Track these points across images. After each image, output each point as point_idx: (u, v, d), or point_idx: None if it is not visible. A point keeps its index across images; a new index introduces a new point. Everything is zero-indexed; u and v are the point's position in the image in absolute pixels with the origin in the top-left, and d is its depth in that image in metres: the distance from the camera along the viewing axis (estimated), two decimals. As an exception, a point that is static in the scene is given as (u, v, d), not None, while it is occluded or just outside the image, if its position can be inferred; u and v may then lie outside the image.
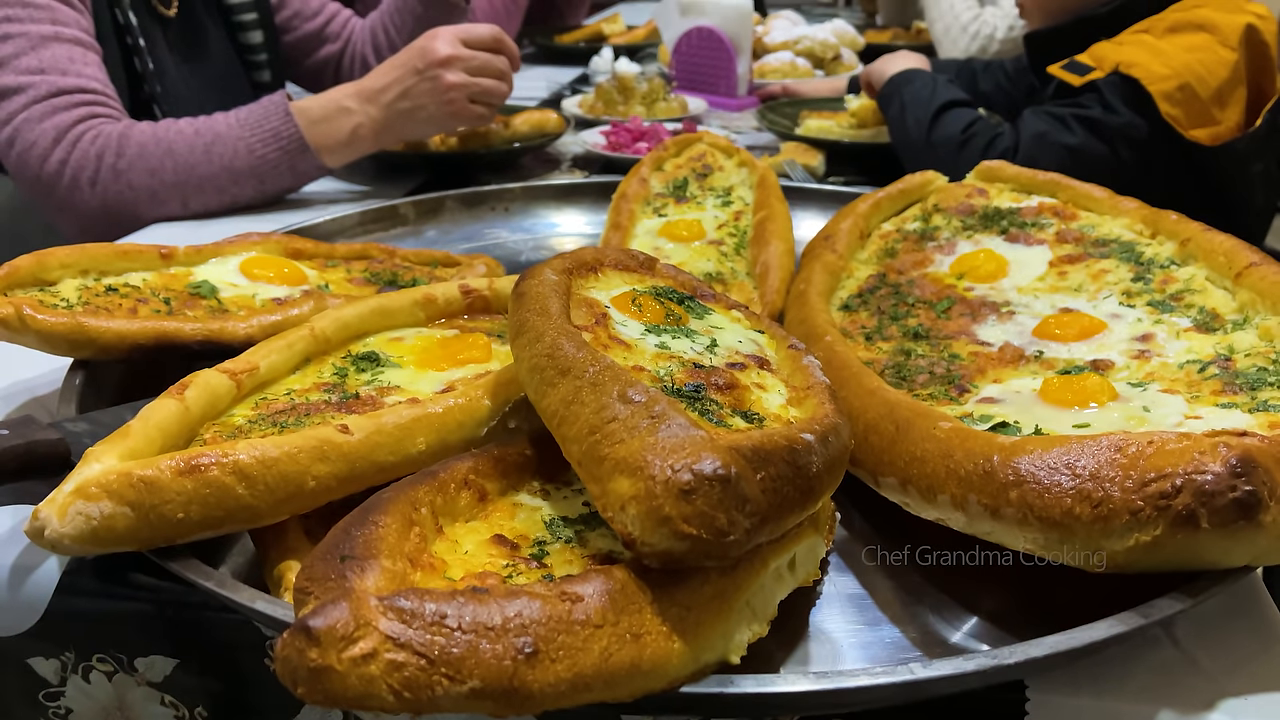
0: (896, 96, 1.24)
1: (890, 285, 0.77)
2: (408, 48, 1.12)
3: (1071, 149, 1.14)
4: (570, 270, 0.56)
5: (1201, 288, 0.66)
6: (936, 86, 1.23)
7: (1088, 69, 1.17)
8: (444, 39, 1.11)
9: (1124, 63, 1.14)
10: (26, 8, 1.06)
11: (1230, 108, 1.17)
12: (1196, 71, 1.14)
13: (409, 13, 1.46)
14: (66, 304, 0.65)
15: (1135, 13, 1.23)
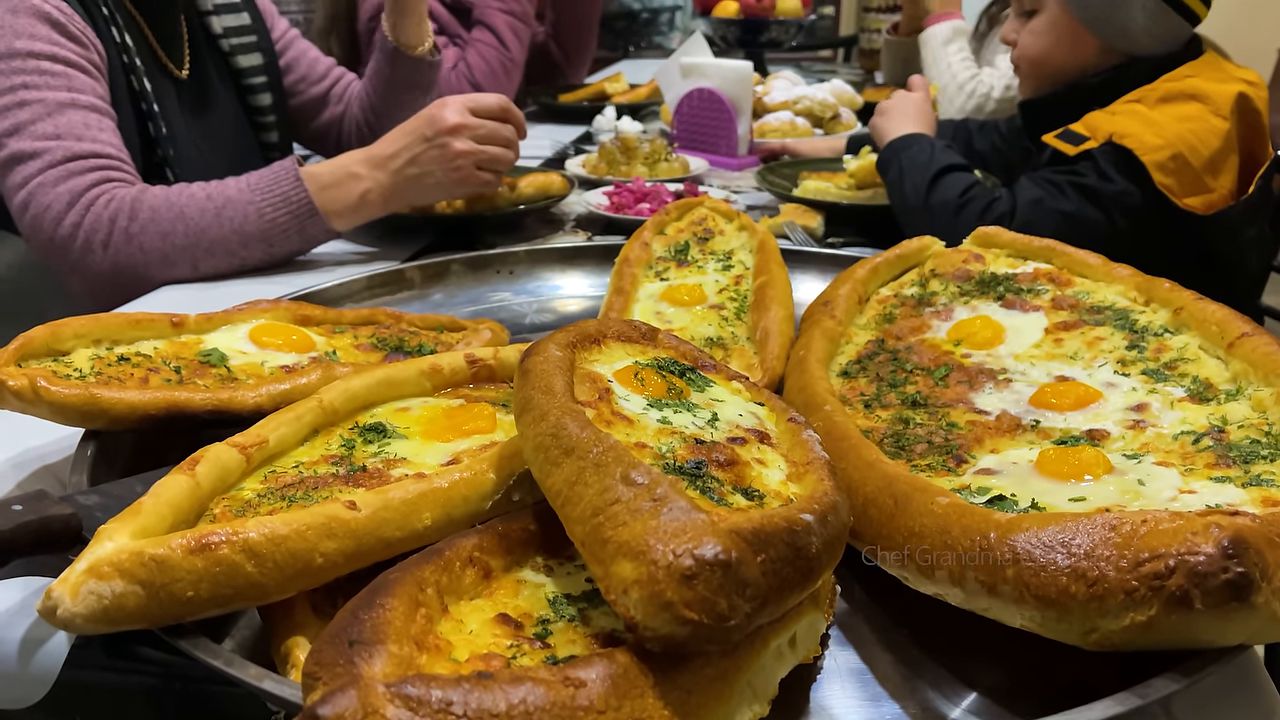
0: (895, 161, 1.26)
1: (889, 351, 0.79)
2: (417, 115, 1.15)
3: (1067, 215, 1.16)
4: (574, 344, 0.57)
5: (1195, 357, 0.68)
6: (935, 151, 1.24)
7: (1082, 138, 1.19)
8: (452, 107, 1.14)
9: (1117, 133, 1.16)
10: (43, 75, 1.09)
11: (1223, 175, 1.18)
12: (1189, 141, 1.16)
13: (380, 76, 1.50)
14: (80, 374, 0.66)
15: (1127, 82, 1.25)
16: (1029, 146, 1.43)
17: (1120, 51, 1.30)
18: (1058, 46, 1.32)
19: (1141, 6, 1.25)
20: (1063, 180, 1.18)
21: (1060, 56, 1.33)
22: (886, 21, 2.55)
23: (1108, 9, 1.27)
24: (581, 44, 2.45)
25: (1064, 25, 1.31)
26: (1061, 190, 1.17)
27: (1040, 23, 1.33)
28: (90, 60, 1.12)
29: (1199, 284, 0.78)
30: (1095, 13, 1.27)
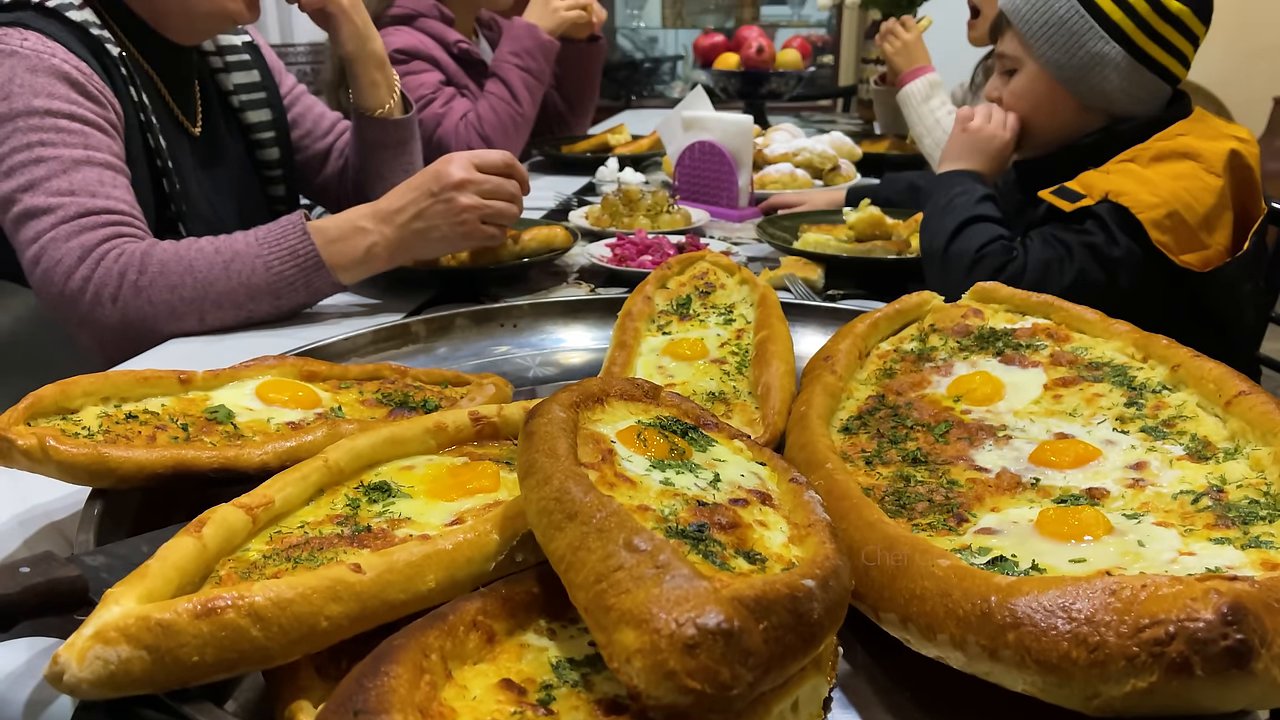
0: (943, 194, 1.27)
1: (889, 407, 0.79)
2: (423, 171, 1.17)
3: (1075, 276, 1.16)
4: (577, 404, 0.58)
5: (1193, 414, 0.68)
6: (972, 198, 1.25)
7: (1078, 195, 1.21)
8: (457, 163, 1.16)
9: (1113, 191, 1.18)
10: (60, 133, 1.11)
11: (1218, 232, 1.20)
12: (1183, 199, 1.17)
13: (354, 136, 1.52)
14: (88, 432, 0.67)
15: (1119, 142, 1.27)
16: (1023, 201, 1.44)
17: (1100, 110, 1.31)
18: (1039, 106, 1.34)
19: (1116, 67, 1.27)
20: (1072, 240, 1.19)
21: (1042, 116, 1.34)
22: (877, 72, 2.60)
23: (1083, 70, 1.28)
24: (585, 95, 2.49)
25: (1043, 85, 1.32)
26: (1070, 250, 1.18)
27: (1020, 83, 1.35)
28: (107, 119, 1.15)
29: (1197, 338, 0.79)
30: (1071, 73, 1.29)
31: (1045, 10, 1.29)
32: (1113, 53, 1.26)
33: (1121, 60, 1.26)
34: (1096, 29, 1.26)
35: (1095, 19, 1.26)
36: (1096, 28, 1.26)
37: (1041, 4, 1.29)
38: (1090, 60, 1.27)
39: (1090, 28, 1.26)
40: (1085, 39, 1.27)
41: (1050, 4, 1.28)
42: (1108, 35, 1.25)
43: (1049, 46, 1.29)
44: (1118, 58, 1.26)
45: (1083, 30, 1.27)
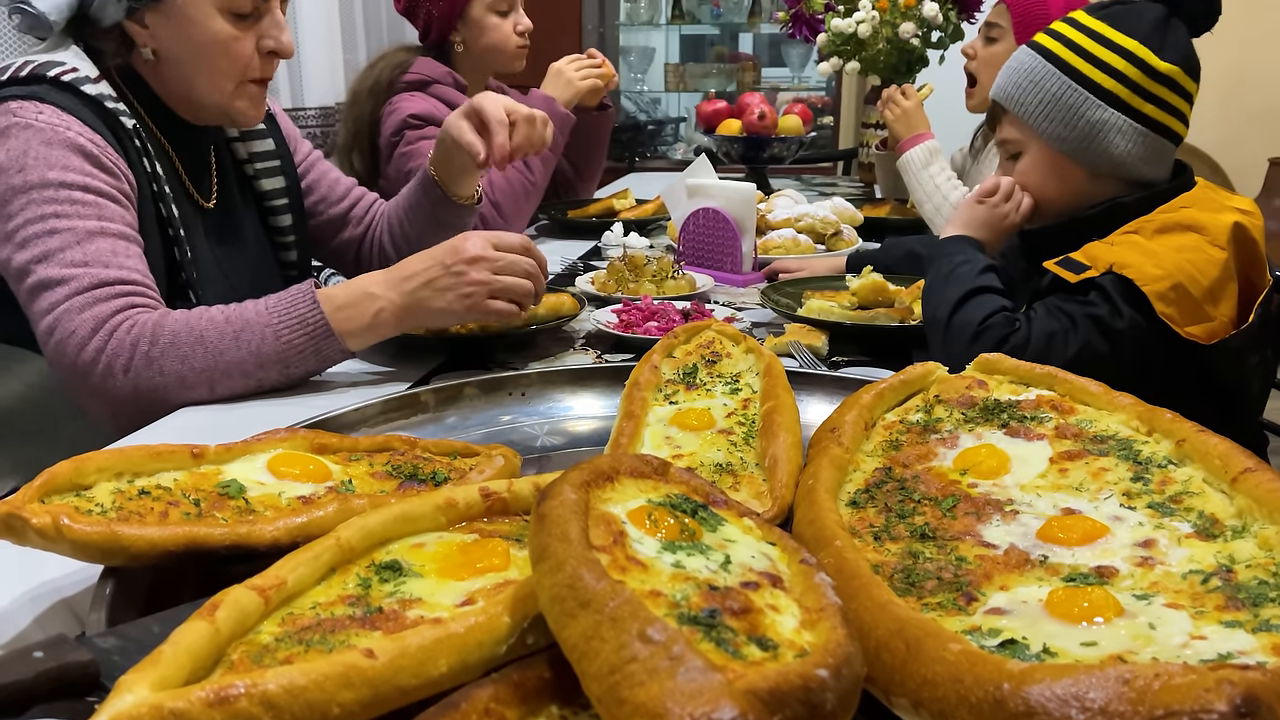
0: (937, 265, 1.28)
1: (896, 480, 0.79)
2: (442, 244, 1.20)
3: (1079, 349, 1.17)
4: (588, 483, 0.58)
5: (1199, 490, 0.68)
6: (976, 268, 1.26)
7: (1083, 267, 1.22)
8: (475, 239, 1.19)
9: (1118, 263, 1.19)
10: (75, 204, 1.13)
11: (1223, 304, 1.20)
12: (1188, 271, 1.18)
13: (420, 210, 1.55)
14: (101, 509, 0.67)
15: (1123, 215, 1.28)
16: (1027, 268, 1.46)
17: (1110, 177, 1.33)
18: (1047, 182, 1.36)
19: (1119, 131, 1.29)
20: (1076, 311, 1.20)
21: (1051, 191, 1.37)
22: (877, 136, 2.64)
23: (1086, 139, 1.31)
24: (592, 161, 2.53)
25: (1048, 161, 1.35)
26: (1074, 322, 1.19)
27: (1027, 163, 1.37)
28: (121, 189, 1.17)
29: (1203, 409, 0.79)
30: (1075, 144, 1.32)
31: (1038, 90, 1.32)
32: (1112, 118, 1.29)
33: (1123, 124, 1.29)
34: (1091, 99, 1.29)
35: (1088, 89, 1.29)
36: (1091, 97, 1.29)
37: (1032, 86, 1.32)
38: (1091, 128, 1.30)
39: (1085, 98, 1.29)
40: (1083, 109, 1.29)
41: (1042, 84, 1.31)
42: (1103, 102, 1.29)
43: (1049, 123, 1.32)
44: (1118, 122, 1.29)
45: (1078, 102, 1.30)
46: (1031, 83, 1.32)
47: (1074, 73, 1.29)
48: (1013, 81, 1.35)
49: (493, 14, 2.26)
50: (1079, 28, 1.31)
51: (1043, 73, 1.31)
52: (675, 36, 5.36)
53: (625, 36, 5.18)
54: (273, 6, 1.29)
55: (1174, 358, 1.21)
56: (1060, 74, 1.30)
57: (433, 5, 2.26)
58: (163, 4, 1.22)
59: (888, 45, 2.59)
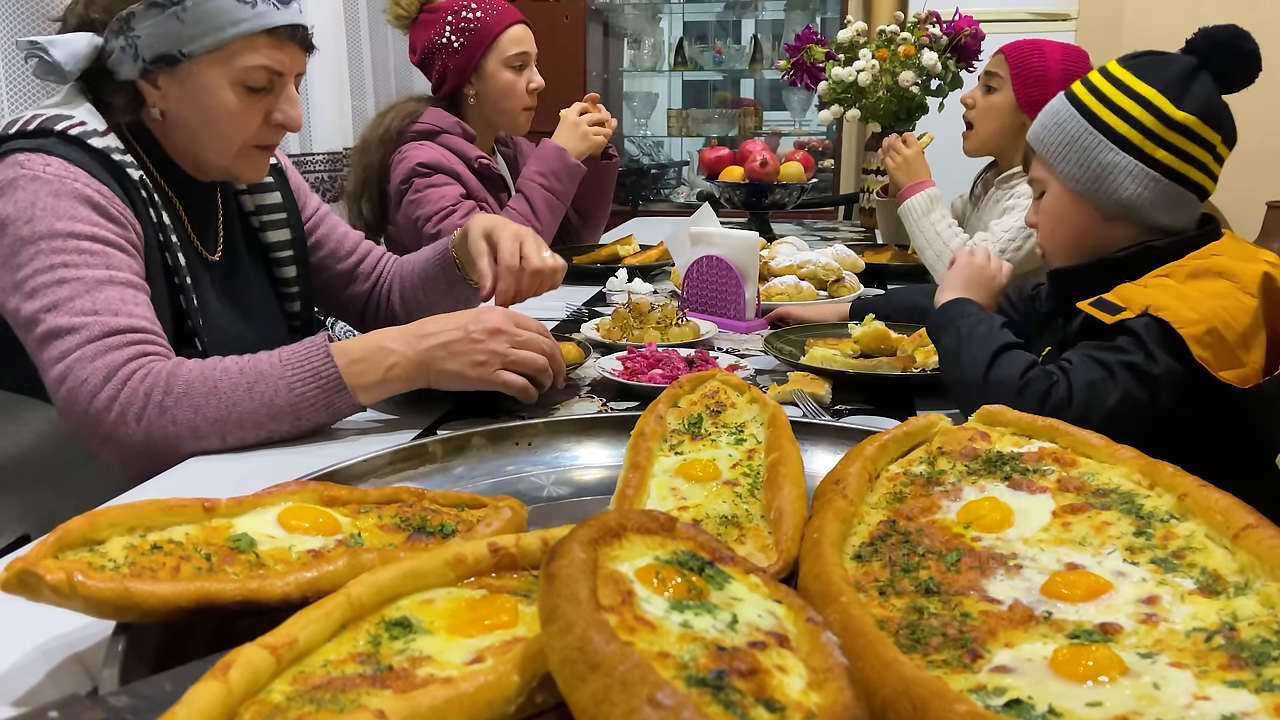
0: (952, 328, 1.29)
1: (900, 533, 0.80)
2: (465, 311, 1.24)
3: (1120, 398, 1.18)
4: (596, 540, 0.59)
5: (1202, 545, 0.69)
6: (994, 326, 1.28)
7: (1118, 308, 1.23)
8: (497, 313, 1.23)
9: (1153, 305, 1.20)
10: (83, 254, 1.15)
11: (1254, 350, 1.21)
12: (1221, 316, 1.20)
13: (435, 284, 1.58)
14: (114, 564, 0.68)
15: (1154, 258, 1.31)
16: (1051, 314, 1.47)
17: (1125, 221, 1.36)
18: (1064, 221, 1.41)
19: (1129, 174, 1.32)
20: (1112, 360, 1.20)
21: (1068, 231, 1.41)
22: (879, 183, 2.67)
23: (1097, 180, 1.35)
24: (598, 209, 2.57)
25: (1065, 200, 1.39)
26: (1112, 372, 1.19)
27: (1046, 201, 1.43)
28: (128, 238, 1.19)
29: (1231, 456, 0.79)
30: (1086, 184, 1.36)
31: (1059, 132, 1.38)
32: (1123, 161, 1.33)
33: (1133, 168, 1.32)
34: (1104, 141, 1.34)
35: (1102, 132, 1.34)
36: (1104, 140, 1.34)
37: (1056, 128, 1.39)
38: (1101, 170, 1.34)
39: (1098, 141, 1.34)
40: (1095, 151, 1.34)
41: (1063, 126, 1.38)
42: (1115, 146, 1.33)
43: (1066, 163, 1.37)
44: (1129, 166, 1.32)
45: (1092, 144, 1.34)
46: (1056, 125, 1.39)
47: (1092, 116, 1.35)
48: (1042, 124, 1.42)
49: (507, 70, 2.31)
50: (1107, 76, 1.37)
51: (1066, 116, 1.38)
52: (678, 82, 5.44)
53: (629, 82, 5.26)
54: (286, 82, 1.31)
55: (1206, 403, 1.21)
56: (1080, 117, 1.36)
57: (449, 58, 2.30)
58: (178, 69, 1.25)
59: (888, 93, 2.63)
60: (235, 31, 1.24)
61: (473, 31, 2.28)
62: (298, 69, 1.33)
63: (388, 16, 2.41)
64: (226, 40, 1.24)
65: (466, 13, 2.28)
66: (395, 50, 4.02)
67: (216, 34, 1.23)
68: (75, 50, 1.23)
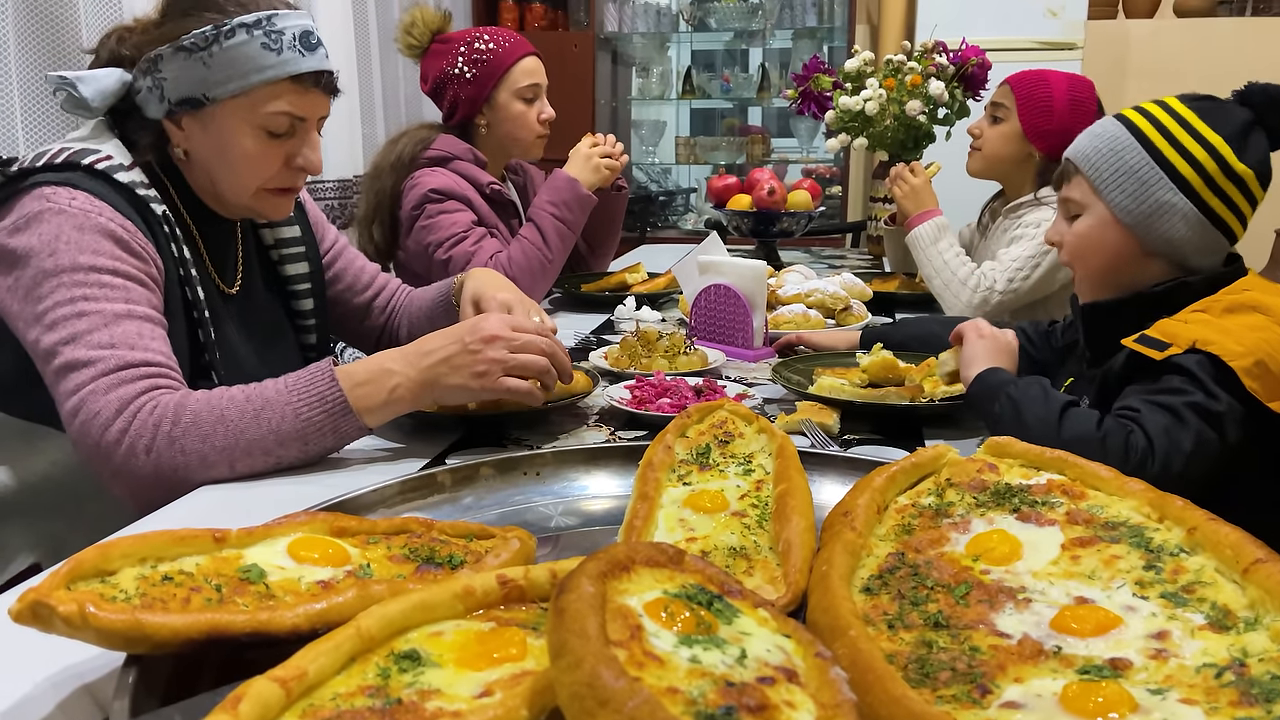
0: (1001, 395, 1.27)
1: (909, 565, 0.80)
2: (461, 323, 1.24)
3: (1195, 438, 1.17)
4: (605, 574, 0.59)
5: (1212, 580, 0.69)
6: (1043, 385, 1.26)
7: (1164, 344, 1.23)
8: (494, 320, 1.23)
9: (1200, 340, 1.20)
10: (103, 288, 1.16)
11: None
12: (1264, 349, 1.20)
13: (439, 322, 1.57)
14: (125, 595, 0.68)
15: (1188, 294, 1.31)
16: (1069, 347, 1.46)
17: (1162, 258, 1.36)
18: (1103, 249, 1.39)
19: (1183, 217, 1.32)
20: (1176, 403, 1.19)
21: (1105, 259, 1.39)
22: (886, 211, 2.68)
23: (1150, 216, 1.34)
24: (606, 239, 2.58)
25: (1110, 229, 1.37)
26: (1179, 415, 1.18)
27: (1085, 225, 1.40)
28: (148, 273, 1.21)
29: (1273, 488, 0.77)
30: (1138, 218, 1.35)
31: (1116, 159, 1.36)
32: (1179, 203, 1.32)
33: (1188, 211, 1.32)
34: (1165, 180, 1.33)
35: (1164, 170, 1.33)
36: (1165, 179, 1.33)
37: (1112, 154, 1.37)
38: (1157, 207, 1.33)
39: (1160, 178, 1.33)
40: (1154, 188, 1.33)
41: (1121, 154, 1.36)
42: (1175, 186, 1.32)
43: (1119, 193, 1.36)
44: (1184, 208, 1.32)
45: (1152, 180, 1.34)
46: (1112, 151, 1.36)
47: (1155, 151, 1.34)
48: (1093, 146, 1.39)
49: (518, 101, 2.33)
50: (1169, 112, 1.35)
51: (1125, 144, 1.36)
52: (686, 110, 5.48)
53: (637, 110, 5.29)
54: (309, 126, 1.33)
55: (1259, 435, 1.21)
56: (1141, 149, 1.34)
57: (460, 89, 2.33)
58: (201, 112, 1.27)
59: (895, 122, 2.65)
60: (260, 78, 1.25)
61: (485, 63, 2.30)
62: (321, 113, 1.34)
63: (399, 46, 2.43)
64: (251, 86, 1.26)
65: (479, 44, 2.31)
66: (406, 78, 4.06)
67: (241, 80, 1.25)
68: (103, 87, 1.25)
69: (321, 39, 1.32)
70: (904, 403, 1.37)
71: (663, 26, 5.01)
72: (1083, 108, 2.17)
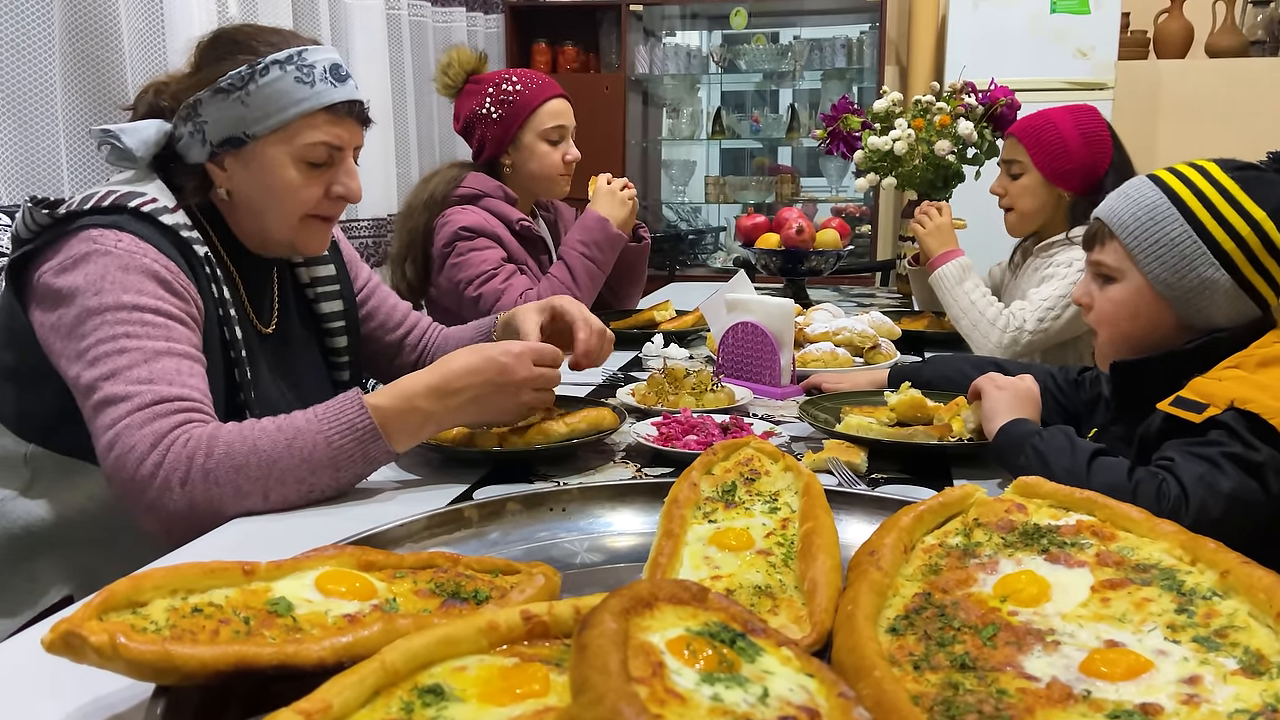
0: (1026, 447, 1.25)
1: (935, 606, 0.79)
2: (487, 356, 1.26)
3: (1232, 488, 1.14)
4: (627, 610, 0.59)
5: (1245, 624, 0.68)
6: (1068, 434, 1.24)
7: (1201, 405, 1.20)
8: (523, 362, 1.27)
9: (1238, 399, 1.17)
10: (145, 325, 1.19)
11: None
12: None
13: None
14: (155, 627, 0.69)
15: (1220, 350, 1.27)
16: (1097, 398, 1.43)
17: (1196, 328, 1.32)
18: (1137, 317, 1.35)
19: (1223, 292, 1.28)
20: (1212, 453, 1.17)
21: (1138, 328, 1.35)
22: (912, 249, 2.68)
23: (1191, 292, 1.30)
24: (630, 285, 2.61)
25: (1146, 298, 1.33)
26: (1217, 465, 1.16)
27: (1120, 291, 1.35)
28: (189, 312, 1.24)
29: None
30: (1179, 293, 1.30)
31: (1155, 230, 1.30)
32: (1221, 279, 1.28)
33: (1228, 286, 1.28)
34: (1208, 255, 1.27)
35: (1207, 245, 1.27)
36: (1208, 254, 1.27)
37: (1151, 223, 1.31)
38: (1200, 284, 1.29)
39: (1202, 253, 1.28)
40: (1196, 263, 1.28)
41: (1162, 225, 1.30)
42: (1218, 262, 1.27)
43: (1159, 265, 1.30)
44: (1225, 284, 1.28)
45: (1195, 255, 1.28)
46: (1152, 220, 1.30)
47: (1198, 225, 1.28)
48: (1130, 212, 1.33)
49: (543, 142, 2.37)
50: (1211, 181, 1.29)
51: (1165, 214, 1.30)
52: (716, 150, 5.52)
53: (667, 150, 5.35)
54: (345, 156, 1.37)
55: None
56: (1183, 221, 1.28)
57: (487, 128, 2.37)
58: (242, 150, 1.32)
59: (924, 162, 2.65)
60: (296, 111, 1.30)
61: (511, 104, 2.35)
62: (356, 143, 1.39)
63: (436, 85, 2.49)
64: (288, 120, 1.30)
65: (507, 85, 2.36)
66: (440, 119, 4.14)
67: (279, 115, 1.30)
68: (145, 137, 1.30)
69: (350, 71, 1.37)
70: (932, 442, 1.36)
71: (693, 68, 5.08)
72: (1095, 138, 2.16)
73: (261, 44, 1.31)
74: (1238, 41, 4.33)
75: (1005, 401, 1.34)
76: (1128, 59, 4.32)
